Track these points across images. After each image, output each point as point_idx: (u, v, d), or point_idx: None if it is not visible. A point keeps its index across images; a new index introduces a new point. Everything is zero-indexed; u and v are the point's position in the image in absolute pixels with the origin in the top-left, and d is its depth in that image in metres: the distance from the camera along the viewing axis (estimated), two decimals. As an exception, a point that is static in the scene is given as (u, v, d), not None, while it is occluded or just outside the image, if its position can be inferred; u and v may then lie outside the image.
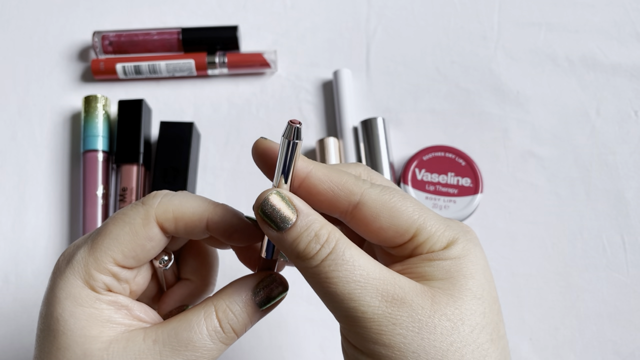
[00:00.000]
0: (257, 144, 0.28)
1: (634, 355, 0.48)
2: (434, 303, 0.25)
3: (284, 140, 0.26)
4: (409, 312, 0.25)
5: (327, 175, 0.28)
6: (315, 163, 0.28)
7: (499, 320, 0.27)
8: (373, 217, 0.27)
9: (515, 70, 0.57)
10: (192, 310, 0.28)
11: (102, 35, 0.58)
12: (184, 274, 0.33)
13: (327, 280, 0.25)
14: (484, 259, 0.28)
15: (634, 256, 0.50)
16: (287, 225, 0.26)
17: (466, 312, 0.26)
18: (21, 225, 0.54)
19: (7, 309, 0.51)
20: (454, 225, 0.28)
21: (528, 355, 0.48)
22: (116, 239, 0.27)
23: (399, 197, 0.28)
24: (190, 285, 0.32)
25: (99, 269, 0.27)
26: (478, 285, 0.26)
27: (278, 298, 0.29)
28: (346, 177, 0.28)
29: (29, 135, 0.57)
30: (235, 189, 0.55)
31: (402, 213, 0.27)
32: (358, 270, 0.25)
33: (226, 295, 0.28)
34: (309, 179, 0.27)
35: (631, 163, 0.53)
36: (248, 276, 0.29)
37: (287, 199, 0.26)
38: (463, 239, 0.27)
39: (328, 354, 0.48)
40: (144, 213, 0.28)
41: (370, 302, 0.25)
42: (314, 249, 0.25)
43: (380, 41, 0.59)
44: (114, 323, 0.27)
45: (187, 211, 0.28)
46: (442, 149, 0.53)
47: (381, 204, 0.27)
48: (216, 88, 0.58)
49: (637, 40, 0.58)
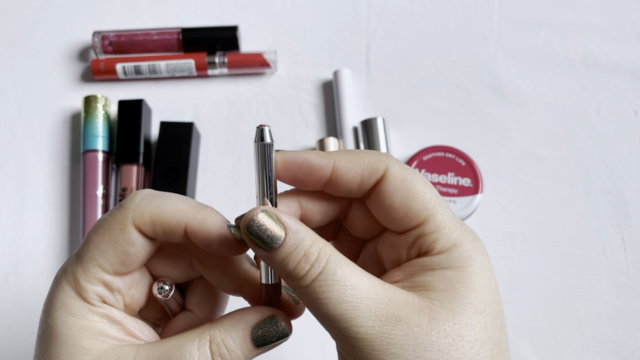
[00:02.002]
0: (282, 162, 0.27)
1: (634, 356, 0.48)
2: (431, 319, 0.24)
3: (256, 146, 0.25)
4: (404, 330, 0.24)
5: (351, 162, 0.27)
6: (335, 153, 0.27)
7: (501, 334, 0.26)
8: (389, 192, 0.27)
9: (515, 70, 0.57)
10: (187, 335, 0.27)
11: (102, 35, 0.58)
12: (189, 305, 0.31)
13: (318, 301, 0.24)
14: (489, 270, 0.27)
15: (634, 256, 0.50)
16: (276, 244, 0.25)
17: (465, 327, 0.25)
18: (21, 225, 0.54)
19: (7, 309, 0.51)
20: (465, 229, 0.27)
21: (528, 355, 0.48)
22: (98, 248, 0.27)
23: (420, 181, 0.27)
24: (194, 318, 0.31)
25: (87, 279, 0.27)
26: (480, 299, 0.26)
27: (276, 342, 0.27)
28: (368, 157, 0.27)
29: (29, 135, 0.57)
30: (235, 189, 0.55)
31: (418, 196, 0.27)
32: (350, 290, 0.24)
33: (223, 327, 0.27)
34: (335, 171, 0.27)
35: (631, 163, 0.53)
36: (251, 309, 0.28)
37: (275, 217, 0.25)
38: (469, 245, 0.27)
39: (328, 354, 0.48)
40: (120, 217, 0.27)
41: (363, 322, 0.24)
42: (303, 268, 0.25)
43: (380, 41, 0.59)
44: (106, 336, 0.27)
45: (165, 215, 0.27)
46: (442, 149, 0.53)
47: (401, 182, 0.27)
48: (216, 88, 0.58)
49: (637, 40, 0.58)
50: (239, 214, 0.28)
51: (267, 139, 0.26)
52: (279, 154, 0.27)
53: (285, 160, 0.27)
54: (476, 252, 0.27)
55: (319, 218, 0.29)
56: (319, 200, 0.29)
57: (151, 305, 0.31)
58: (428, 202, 0.27)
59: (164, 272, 0.30)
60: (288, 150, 0.28)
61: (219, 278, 0.30)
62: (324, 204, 0.29)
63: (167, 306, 0.30)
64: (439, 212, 0.27)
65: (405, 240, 0.28)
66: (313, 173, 0.27)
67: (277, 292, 0.28)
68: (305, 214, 0.29)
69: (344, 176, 0.27)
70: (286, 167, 0.27)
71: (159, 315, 0.31)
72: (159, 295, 0.29)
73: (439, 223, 0.27)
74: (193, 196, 0.54)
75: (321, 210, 0.29)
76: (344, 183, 0.28)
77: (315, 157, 0.27)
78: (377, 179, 0.27)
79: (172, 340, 0.27)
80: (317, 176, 0.28)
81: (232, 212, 0.58)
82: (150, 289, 0.30)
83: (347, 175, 0.27)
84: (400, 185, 0.27)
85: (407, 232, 0.27)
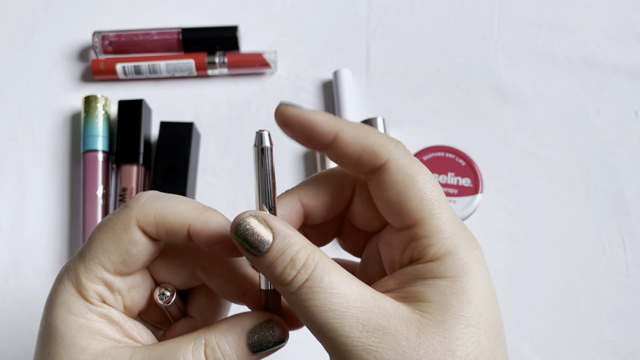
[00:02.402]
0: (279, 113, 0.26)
1: (634, 356, 0.48)
2: (420, 333, 0.24)
3: (255, 149, 0.25)
4: (391, 343, 0.23)
5: (355, 137, 0.26)
6: (344, 122, 0.26)
7: (496, 346, 0.25)
8: (387, 184, 0.26)
9: (515, 70, 0.57)
10: (183, 338, 0.27)
11: (102, 35, 0.58)
12: (190, 311, 0.31)
13: (305, 309, 0.24)
14: (486, 280, 0.26)
15: (634, 256, 0.50)
16: (263, 249, 0.25)
17: (456, 341, 0.24)
18: (21, 225, 0.54)
19: (7, 309, 0.51)
20: (463, 235, 0.26)
21: (528, 355, 0.48)
22: (101, 247, 0.27)
23: (423, 178, 0.26)
24: (195, 324, 0.31)
25: (89, 277, 0.27)
26: (474, 311, 0.24)
27: (272, 347, 0.27)
28: (375, 139, 0.26)
29: (29, 135, 0.57)
30: (235, 189, 0.55)
31: (416, 195, 0.26)
32: (336, 298, 0.24)
33: (219, 331, 0.27)
34: (336, 141, 0.26)
35: (631, 163, 0.53)
36: (248, 314, 0.28)
37: (264, 221, 0.25)
38: (465, 253, 0.25)
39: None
40: (124, 217, 0.27)
41: (349, 333, 0.23)
42: (289, 274, 0.24)
43: (380, 41, 0.59)
44: (103, 337, 0.27)
45: (169, 216, 0.27)
46: (442, 149, 0.53)
47: (402, 176, 0.26)
48: (216, 88, 0.58)
49: (637, 40, 0.58)
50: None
51: (266, 144, 0.26)
52: (288, 108, 0.26)
53: (290, 115, 0.27)
54: (472, 261, 0.25)
55: (322, 214, 0.29)
56: (320, 196, 0.29)
57: (152, 309, 0.30)
58: (426, 202, 0.26)
59: (166, 278, 0.30)
60: (297, 107, 0.27)
61: (221, 286, 0.29)
62: (325, 199, 0.29)
63: (168, 311, 0.30)
64: (437, 214, 0.26)
65: (399, 239, 0.27)
66: (314, 137, 0.27)
67: (275, 298, 0.28)
68: (308, 211, 0.29)
69: (343, 149, 0.27)
70: (288, 123, 0.27)
71: (159, 319, 0.31)
72: (160, 301, 0.29)
73: (434, 227, 0.25)
74: (193, 196, 0.54)
75: (323, 205, 0.29)
76: (341, 155, 0.27)
77: (321, 121, 0.26)
78: (376, 166, 0.26)
79: (168, 343, 0.27)
80: (317, 140, 0.27)
81: (232, 212, 0.58)
82: (151, 293, 0.30)
83: (347, 149, 0.26)
84: (400, 180, 0.26)
85: (401, 230, 0.27)
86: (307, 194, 0.29)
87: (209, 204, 0.29)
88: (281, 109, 0.27)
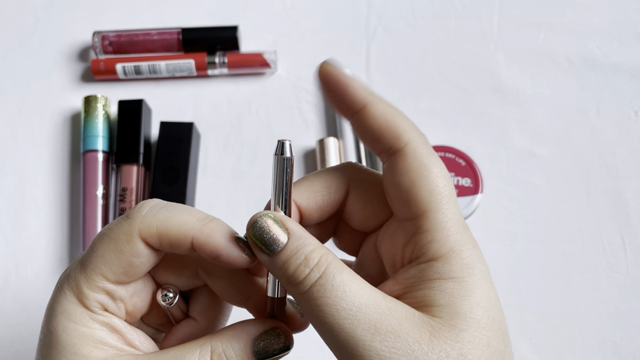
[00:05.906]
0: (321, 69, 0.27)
1: (634, 356, 0.48)
2: (432, 337, 0.23)
3: (275, 158, 0.25)
4: (404, 348, 0.23)
5: (383, 113, 0.26)
6: (377, 97, 0.27)
7: (504, 346, 0.25)
8: (400, 169, 0.26)
9: (515, 70, 0.57)
10: (189, 346, 0.27)
11: (102, 35, 0.58)
12: (192, 313, 0.31)
13: (316, 308, 0.24)
14: (489, 279, 0.26)
15: (634, 256, 0.50)
16: (278, 248, 0.25)
17: (468, 344, 0.24)
18: (21, 225, 0.54)
19: (7, 309, 0.51)
20: (466, 234, 0.26)
21: (528, 355, 0.48)
22: (102, 257, 0.26)
23: (438, 170, 0.26)
24: (196, 326, 0.31)
25: (90, 287, 0.26)
26: (482, 313, 0.24)
27: (277, 355, 0.27)
28: (401, 121, 0.26)
29: (29, 135, 0.57)
30: (235, 189, 0.55)
31: (427, 186, 0.25)
32: (349, 297, 0.24)
33: (225, 338, 0.27)
34: (364, 111, 0.26)
35: (631, 163, 0.53)
36: (254, 321, 0.28)
37: (280, 221, 0.25)
38: (468, 252, 0.25)
39: (328, 353, 0.48)
40: (127, 228, 0.26)
41: (361, 336, 0.23)
42: (302, 272, 0.24)
43: (380, 41, 0.59)
44: (105, 345, 0.26)
45: (172, 228, 0.26)
46: (442, 149, 0.53)
47: (417, 165, 0.26)
48: (216, 88, 0.58)
49: (637, 40, 0.58)
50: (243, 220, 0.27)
51: (287, 154, 0.26)
52: (329, 66, 0.27)
53: (329, 73, 0.27)
54: (476, 261, 0.25)
55: (317, 215, 0.29)
56: (314, 196, 0.29)
57: (154, 311, 0.30)
58: (436, 195, 0.25)
59: (168, 280, 0.30)
60: (337, 67, 0.27)
61: (224, 289, 0.29)
62: (319, 199, 0.29)
63: (171, 313, 0.30)
64: (444, 209, 0.25)
65: (402, 232, 0.27)
66: (345, 100, 0.27)
67: (281, 306, 0.28)
68: (303, 212, 0.29)
69: (368, 120, 0.27)
70: (326, 80, 0.27)
71: (161, 321, 0.31)
72: (163, 302, 0.29)
73: (439, 223, 0.25)
74: (193, 196, 0.54)
75: (317, 206, 0.29)
76: (364, 127, 0.27)
77: (355, 88, 0.27)
78: (395, 147, 0.26)
79: (172, 351, 0.27)
80: (347, 104, 0.27)
81: (233, 212, 0.58)
82: (153, 296, 0.30)
83: (371, 122, 0.27)
84: (414, 167, 0.26)
85: (405, 222, 0.27)
86: (301, 194, 0.29)
87: (209, 203, 0.29)
88: (324, 65, 0.27)
